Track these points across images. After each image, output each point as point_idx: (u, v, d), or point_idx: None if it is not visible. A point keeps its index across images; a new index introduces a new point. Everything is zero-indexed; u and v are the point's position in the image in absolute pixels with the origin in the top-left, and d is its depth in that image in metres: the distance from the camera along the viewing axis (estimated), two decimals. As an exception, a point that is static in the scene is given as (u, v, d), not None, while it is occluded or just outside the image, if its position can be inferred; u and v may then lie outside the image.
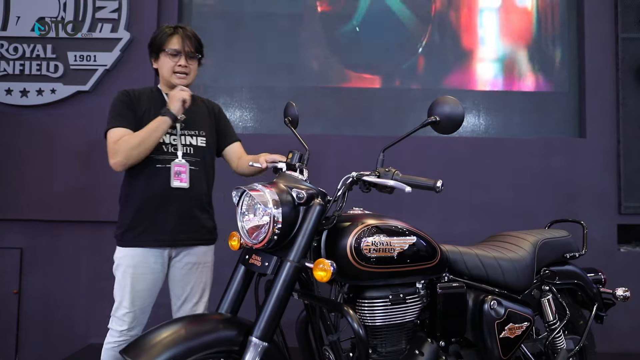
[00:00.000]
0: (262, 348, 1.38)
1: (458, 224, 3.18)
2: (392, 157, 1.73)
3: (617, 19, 3.31)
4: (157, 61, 2.04)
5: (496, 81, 3.48)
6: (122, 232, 1.98)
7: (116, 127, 1.93)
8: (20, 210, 3.15)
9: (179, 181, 1.94)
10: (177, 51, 1.99)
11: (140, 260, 1.94)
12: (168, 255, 2.00)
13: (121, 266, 1.97)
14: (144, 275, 1.95)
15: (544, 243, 2.00)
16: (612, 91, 3.31)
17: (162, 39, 1.99)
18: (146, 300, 1.97)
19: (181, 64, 2.00)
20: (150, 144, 1.89)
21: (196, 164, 2.00)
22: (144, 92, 2.05)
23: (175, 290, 2.06)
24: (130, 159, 1.89)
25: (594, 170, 3.26)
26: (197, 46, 2.04)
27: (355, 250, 1.49)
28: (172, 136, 1.98)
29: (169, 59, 1.99)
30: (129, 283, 1.94)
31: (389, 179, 1.48)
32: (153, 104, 2.01)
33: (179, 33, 1.99)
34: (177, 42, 1.99)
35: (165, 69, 2.01)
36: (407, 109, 3.40)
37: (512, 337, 1.76)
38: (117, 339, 1.97)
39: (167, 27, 2.02)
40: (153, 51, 2.04)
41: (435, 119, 1.52)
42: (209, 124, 2.11)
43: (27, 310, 3.18)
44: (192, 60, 2.04)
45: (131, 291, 1.94)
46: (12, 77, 3.19)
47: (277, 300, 1.42)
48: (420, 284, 1.67)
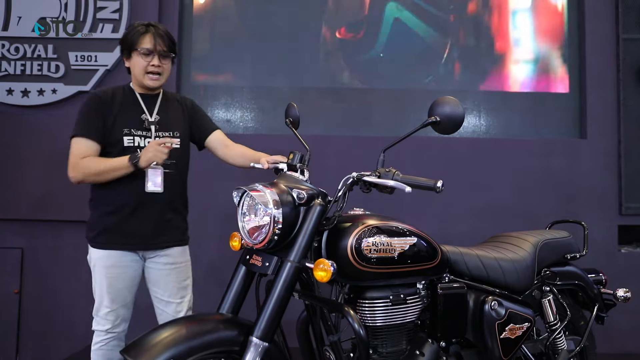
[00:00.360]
0: (262, 348, 1.38)
1: (459, 224, 3.18)
2: (393, 158, 1.73)
3: (618, 20, 3.31)
4: (129, 60, 1.99)
5: (498, 82, 3.48)
6: (94, 235, 1.96)
7: (82, 136, 1.90)
8: (21, 210, 3.16)
9: (154, 186, 1.92)
10: (149, 50, 1.94)
11: (116, 260, 1.94)
12: (143, 256, 2.01)
13: (98, 267, 1.96)
14: (122, 273, 1.95)
15: (545, 244, 2.00)
16: (613, 92, 3.31)
17: (135, 38, 1.93)
18: (127, 297, 1.98)
19: (154, 64, 1.94)
20: (107, 178, 1.88)
21: (171, 167, 1.98)
22: (117, 92, 2.00)
23: (155, 292, 2.05)
24: (87, 181, 1.91)
25: (594, 170, 3.26)
26: (170, 45, 1.98)
27: (356, 250, 1.49)
28: (146, 139, 1.96)
29: (142, 59, 1.94)
30: (107, 283, 1.94)
31: (389, 180, 1.48)
32: (125, 105, 1.97)
33: (151, 32, 1.94)
34: (150, 41, 1.93)
35: (138, 69, 1.96)
36: (407, 109, 3.40)
37: (512, 337, 1.76)
38: (104, 337, 1.97)
39: (140, 25, 1.96)
40: (125, 49, 1.98)
41: (436, 119, 1.52)
42: (183, 123, 2.08)
43: (27, 310, 3.19)
44: (165, 60, 1.98)
45: (111, 290, 1.94)
46: (13, 77, 3.19)
47: (277, 301, 1.42)
48: (421, 285, 1.67)
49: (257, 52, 3.45)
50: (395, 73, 3.45)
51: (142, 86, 2.00)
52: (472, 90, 3.46)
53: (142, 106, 2.00)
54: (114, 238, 1.93)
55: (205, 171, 3.18)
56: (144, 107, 2.00)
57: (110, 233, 1.94)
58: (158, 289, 2.04)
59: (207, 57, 3.45)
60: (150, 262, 2.02)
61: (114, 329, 1.96)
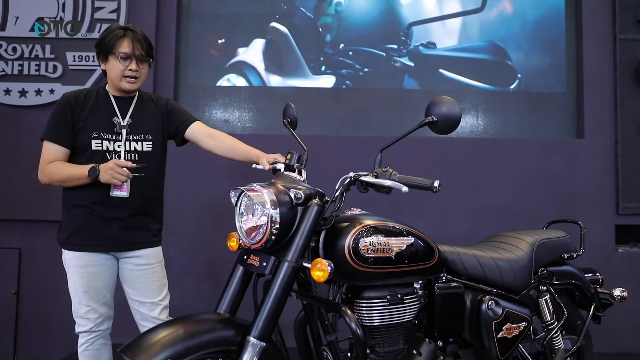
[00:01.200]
0: (260, 348, 1.38)
1: (456, 224, 3.19)
2: (390, 158, 1.74)
3: (615, 20, 3.32)
4: (105, 63, 1.97)
5: (494, 82, 3.48)
6: (66, 237, 1.96)
7: (50, 141, 1.92)
8: (18, 210, 3.16)
9: (119, 190, 1.92)
10: (127, 55, 1.92)
11: (90, 260, 1.94)
12: (115, 256, 2.01)
13: (72, 267, 1.96)
14: (98, 272, 1.96)
15: (542, 243, 2.01)
16: (610, 92, 3.32)
17: (112, 42, 1.91)
18: (106, 295, 1.98)
19: (132, 68, 1.93)
20: (70, 185, 1.91)
21: (141, 170, 1.96)
22: (90, 94, 1.99)
23: (129, 292, 2.04)
24: (54, 185, 1.93)
25: (592, 170, 3.27)
26: (147, 49, 1.97)
27: (353, 250, 1.50)
28: (116, 143, 1.96)
29: (119, 63, 1.93)
30: (84, 283, 1.94)
31: (386, 179, 1.49)
32: (97, 108, 1.97)
33: (129, 36, 1.92)
34: (128, 46, 1.92)
35: (114, 73, 1.94)
36: (405, 109, 3.40)
37: (509, 337, 1.76)
38: (88, 337, 1.97)
39: (117, 29, 1.94)
40: (101, 52, 1.96)
41: (433, 119, 1.53)
42: (156, 124, 2.05)
43: (25, 311, 3.18)
44: (142, 64, 1.97)
45: (88, 290, 1.94)
46: (10, 77, 3.19)
47: (275, 300, 1.42)
48: (418, 284, 1.67)
49: (256, 52, 3.45)
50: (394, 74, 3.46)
51: (118, 89, 1.99)
52: (470, 90, 3.47)
53: (115, 109, 1.99)
54: (85, 240, 1.93)
55: (203, 171, 3.18)
56: (116, 110, 1.99)
57: (81, 235, 1.94)
58: (131, 289, 2.03)
59: (205, 58, 3.45)
60: (123, 262, 2.02)
61: (97, 327, 1.96)
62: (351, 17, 3.48)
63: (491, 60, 3.48)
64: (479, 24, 3.50)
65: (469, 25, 3.50)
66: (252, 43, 3.45)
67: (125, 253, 2.00)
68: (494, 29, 3.49)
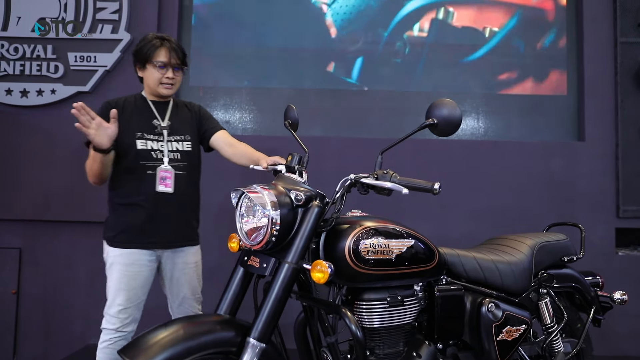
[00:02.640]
0: (259, 349, 1.38)
1: (456, 226, 3.19)
2: (391, 160, 1.74)
3: (615, 23, 3.32)
4: (142, 70, 2.09)
5: (495, 84, 3.49)
6: (114, 234, 2.03)
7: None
8: (19, 210, 3.16)
9: (164, 186, 2.01)
10: (164, 63, 2.04)
11: (135, 258, 2.01)
12: (159, 256, 2.07)
13: (116, 264, 2.01)
14: (139, 272, 2.01)
15: (542, 246, 2.01)
16: (610, 95, 3.32)
17: (150, 51, 2.04)
18: (140, 297, 2.03)
19: (168, 76, 2.06)
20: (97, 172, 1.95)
21: (183, 169, 2.07)
22: (128, 100, 2.11)
23: (171, 290, 2.12)
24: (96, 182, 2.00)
25: (592, 173, 3.27)
26: (182, 58, 2.09)
27: (354, 252, 1.50)
28: (159, 142, 2.06)
29: (157, 71, 2.05)
30: (124, 281, 1.99)
31: (386, 181, 1.49)
32: (137, 112, 2.08)
33: (166, 46, 2.05)
34: (165, 55, 2.04)
35: (152, 80, 2.06)
36: (406, 111, 3.41)
37: (509, 339, 1.76)
38: (112, 336, 1.99)
39: (154, 39, 2.06)
40: (139, 61, 2.08)
41: (433, 122, 1.53)
42: (192, 127, 2.17)
43: (25, 311, 3.19)
44: (177, 72, 2.10)
45: (126, 289, 1.99)
46: (12, 77, 3.20)
47: (275, 302, 1.42)
48: (418, 287, 1.67)
49: (256, 52, 3.46)
50: (394, 75, 3.46)
51: (155, 94, 2.11)
52: (471, 92, 3.47)
53: (154, 112, 2.10)
54: (133, 237, 2.01)
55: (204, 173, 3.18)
56: (155, 114, 2.10)
57: (129, 232, 2.01)
58: (173, 287, 2.11)
59: (206, 58, 3.45)
60: (165, 263, 2.09)
61: (123, 328, 2.00)
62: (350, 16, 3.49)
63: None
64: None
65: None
66: (252, 43, 3.46)
67: (169, 250, 2.07)
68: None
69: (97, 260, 3.16)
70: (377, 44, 3.47)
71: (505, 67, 3.49)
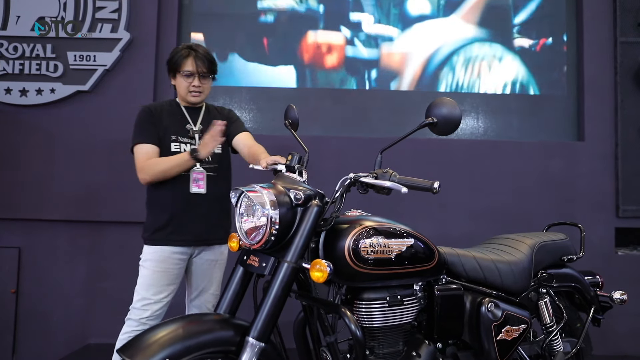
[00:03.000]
0: (258, 348, 1.38)
1: (456, 226, 3.18)
2: (391, 160, 1.74)
3: (615, 23, 3.32)
4: (174, 79, 2.21)
5: (495, 84, 3.48)
6: (150, 234, 2.13)
7: (142, 142, 2.09)
8: (18, 209, 3.16)
9: (197, 187, 2.11)
10: (191, 72, 2.14)
11: (167, 256, 2.09)
12: (190, 253, 2.16)
13: (149, 261, 2.10)
14: (170, 270, 2.10)
15: (542, 246, 2.01)
16: (610, 95, 3.32)
17: (178, 61, 2.14)
18: (169, 294, 2.11)
19: (195, 84, 2.15)
20: (172, 174, 2.06)
21: (214, 170, 2.16)
22: (164, 107, 2.20)
23: (193, 282, 2.20)
24: (156, 179, 2.08)
25: (592, 173, 3.27)
26: (209, 66, 2.17)
27: (353, 251, 1.49)
28: (192, 146, 2.14)
29: (184, 80, 2.15)
30: (155, 277, 2.08)
31: (386, 180, 1.49)
32: (171, 116, 2.17)
33: (192, 55, 2.13)
34: (191, 64, 2.13)
35: (181, 88, 2.17)
36: (406, 110, 3.40)
37: (509, 339, 1.76)
38: (135, 327, 2.06)
39: (183, 49, 2.16)
40: (170, 70, 2.19)
41: (433, 121, 1.53)
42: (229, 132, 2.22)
43: (24, 310, 3.18)
44: (205, 80, 2.17)
45: (157, 285, 2.07)
46: (11, 76, 3.19)
47: (274, 301, 1.42)
48: (418, 286, 1.67)
49: (256, 52, 3.46)
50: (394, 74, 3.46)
51: (186, 101, 2.21)
52: (471, 92, 3.47)
53: (187, 118, 2.20)
54: (169, 235, 2.10)
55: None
56: (188, 119, 2.20)
57: (165, 230, 2.10)
58: (196, 280, 2.19)
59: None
60: (194, 259, 2.18)
61: (147, 321, 2.06)
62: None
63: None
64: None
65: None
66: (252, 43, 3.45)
67: (201, 248, 2.16)
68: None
69: (97, 259, 3.19)
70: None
71: (505, 67, 3.49)
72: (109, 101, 3.21)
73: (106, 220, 3.16)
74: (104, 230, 3.18)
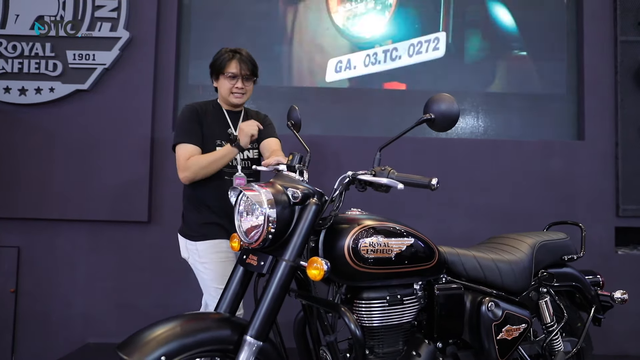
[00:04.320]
0: (256, 347, 1.38)
1: (456, 225, 3.18)
2: (391, 158, 1.73)
3: (616, 22, 3.32)
4: (217, 81, 2.26)
5: (495, 83, 3.48)
6: (197, 230, 2.17)
7: (184, 142, 2.13)
8: (17, 208, 3.15)
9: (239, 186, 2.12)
10: (234, 74, 2.19)
11: (223, 247, 2.14)
12: None
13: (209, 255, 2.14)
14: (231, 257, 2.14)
15: (542, 245, 2.00)
16: (610, 94, 3.31)
17: (222, 64, 2.20)
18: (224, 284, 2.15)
19: (238, 86, 2.20)
20: (216, 168, 2.12)
21: (253, 175, 2.25)
22: (207, 107, 2.24)
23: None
24: (198, 176, 2.12)
25: (592, 172, 3.26)
26: (252, 69, 2.23)
27: (353, 251, 1.49)
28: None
29: (227, 81, 2.20)
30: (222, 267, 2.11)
31: (383, 177, 1.48)
32: (214, 119, 2.22)
33: (236, 58, 2.20)
34: (235, 66, 2.19)
35: (224, 90, 2.22)
36: (406, 110, 3.40)
37: (509, 339, 1.75)
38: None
39: (227, 52, 2.22)
40: (213, 73, 2.25)
41: (431, 117, 1.52)
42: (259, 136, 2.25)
43: (24, 309, 3.18)
44: (247, 82, 2.24)
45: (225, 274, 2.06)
46: (10, 75, 3.19)
47: (272, 300, 1.42)
48: (418, 285, 1.66)
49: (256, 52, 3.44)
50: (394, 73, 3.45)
51: (228, 103, 2.26)
52: (471, 91, 3.46)
53: (229, 121, 2.25)
54: (217, 230, 2.15)
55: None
56: (230, 122, 2.25)
57: (214, 226, 2.16)
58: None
59: (205, 57, 3.44)
60: None
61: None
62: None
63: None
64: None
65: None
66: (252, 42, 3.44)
67: None
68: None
69: (96, 259, 3.18)
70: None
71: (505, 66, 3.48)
72: (108, 100, 3.20)
73: (105, 219, 3.16)
74: (103, 229, 3.18)
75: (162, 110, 3.25)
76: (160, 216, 3.19)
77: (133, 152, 3.17)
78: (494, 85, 3.48)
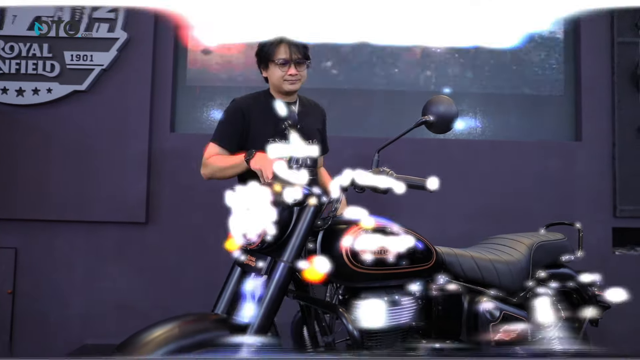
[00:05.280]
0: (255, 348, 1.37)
1: (454, 226, 3.18)
2: (389, 160, 1.73)
3: (612, 23, 3.32)
4: (266, 70, 2.12)
5: (492, 84, 3.48)
6: None
7: (216, 143, 2.07)
8: (15, 209, 3.14)
9: None
10: (285, 60, 2.05)
11: None
12: None
13: None
14: None
15: (540, 246, 2.01)
16: (607, 95, 3.31)
17: (271, 50, 2.06)
18: None
19: (291, 73, 2.05)
20: (229, 174, 2.02)
21: (312, 173, 2.07)
22: (257, 99, 2.13)
23: None
24: (215, 177, 2.06)
25: (589, 173, 3.27)
26: (304, 52, 2.08)
27: (351, 252, 1.49)
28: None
29: (278, 69, 2.06)
30: None
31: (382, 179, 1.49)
32: (265, 113, 2.08)
33: (285, 42, 2.05)
34: (285, 52, 2.04)
35: (275, 78, 2.08)
36: (405, 111, 3.40)
37: (507, 339, 1.76)
38: None
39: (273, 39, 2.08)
40: (262, 62, 2.11)
41: (429, 119, 1.53)
42: (319, 130, 2.21)
43: (21, 311, 3.17)
44: (300, 67, 2.08)
45: None
46: (8, 76, 3.17)
47: (270, 301, 1.42)
48: (416, 286, 1.66)
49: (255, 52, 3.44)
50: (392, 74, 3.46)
51: (281, 91, 2.11)
52: (468, 92, 3.47)
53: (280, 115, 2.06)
54: None
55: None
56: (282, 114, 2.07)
57: None
58: None
59: (204, 58, 3.44)
60: None
61: None
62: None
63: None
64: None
65: (467, 27, 3.50)
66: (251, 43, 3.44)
67: None
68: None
69: (94, 260, 3.17)
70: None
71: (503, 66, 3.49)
72: (106, 101, 3.20)
73: (103, 220, 3.15)
74: (102, 230, 3.17)
75: (159, 111, 3.24)
76: (158, 217, 3.19)
77: (131, 153, 3.16)
78: (492, 86, 3.48)
